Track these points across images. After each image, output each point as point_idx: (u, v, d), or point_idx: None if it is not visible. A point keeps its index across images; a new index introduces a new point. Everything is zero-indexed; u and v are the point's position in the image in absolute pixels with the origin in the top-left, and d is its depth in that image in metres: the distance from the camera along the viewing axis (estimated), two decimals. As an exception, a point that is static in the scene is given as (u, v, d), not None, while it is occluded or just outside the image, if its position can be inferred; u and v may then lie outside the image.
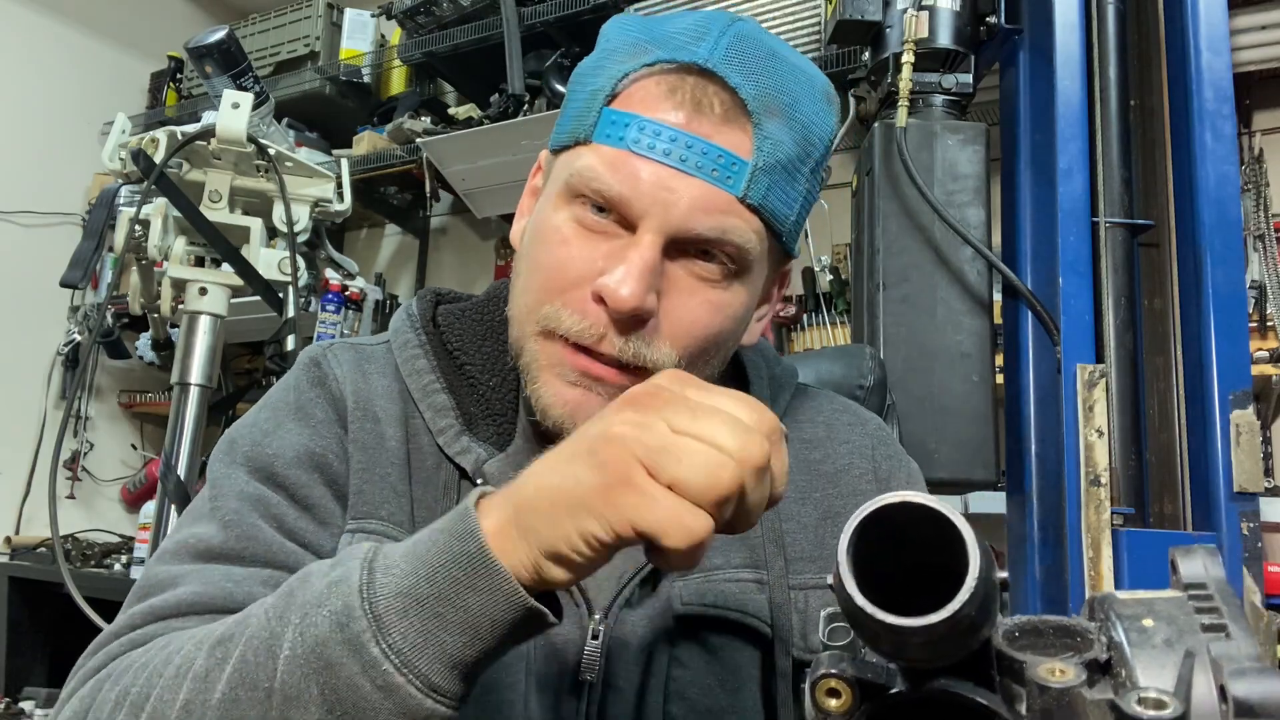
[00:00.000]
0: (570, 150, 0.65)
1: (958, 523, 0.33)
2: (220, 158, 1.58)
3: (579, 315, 0.62)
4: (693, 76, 0.62)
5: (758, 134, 0.61)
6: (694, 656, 0.67)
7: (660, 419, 0.45)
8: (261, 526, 0.65)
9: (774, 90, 0.62)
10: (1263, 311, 1.99)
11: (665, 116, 0.61)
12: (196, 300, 1.57)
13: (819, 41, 2.07)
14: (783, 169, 0.63)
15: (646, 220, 0.60)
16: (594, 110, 0.63)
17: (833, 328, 2.55)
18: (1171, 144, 1.42)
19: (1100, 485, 1.27)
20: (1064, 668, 0.33)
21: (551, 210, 0.65)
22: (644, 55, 0.63)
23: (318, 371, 0.73)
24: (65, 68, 3.19)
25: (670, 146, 0.60)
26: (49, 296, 2.98)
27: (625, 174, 0.60)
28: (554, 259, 0.63)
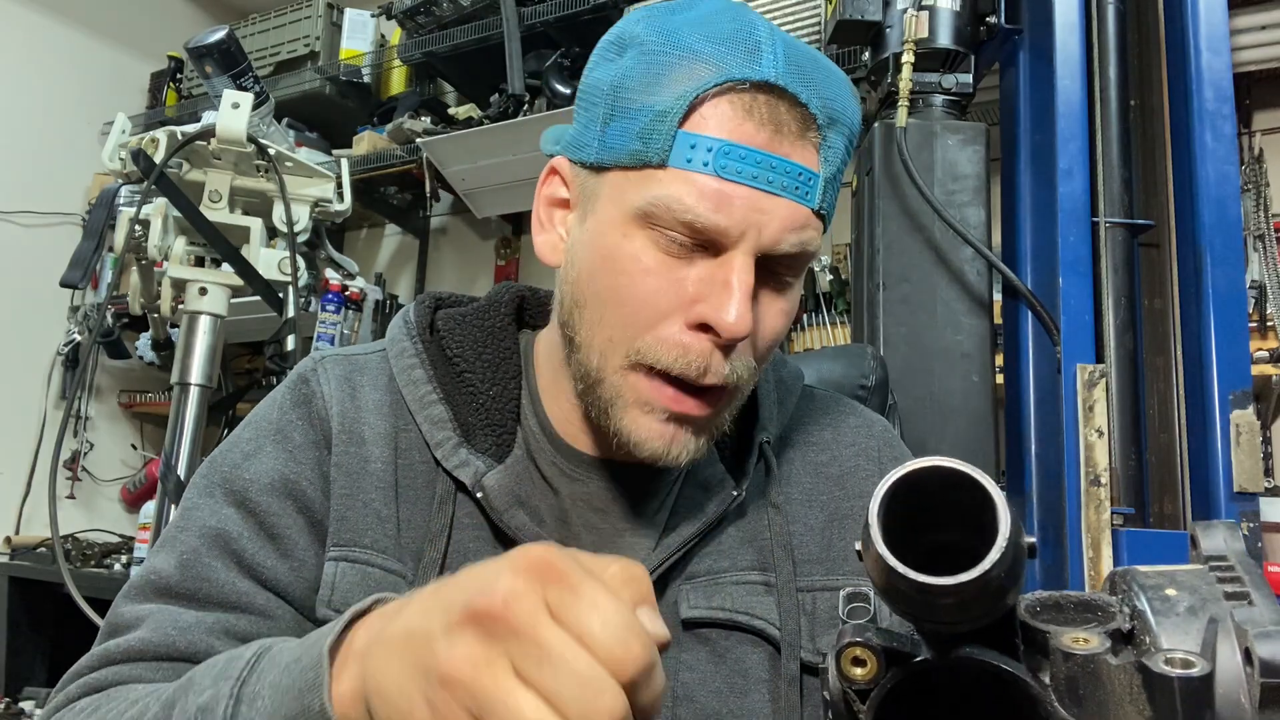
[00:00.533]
0: (634, 172, 0.62)
1: (987, 484, 0.32)
2: (220, 158, 1.58)
3: (679, 349, 0.61)
4: (764, 95, 0.61)
5: (823, 146, 0.62)
6: (701, 660, 0.67)
7: (505, 659, 0.37)
8: (216, 568, 0.66)
9: (829, 98, 0.63)
10: (1263, 311, 1.99)
11: (748, 138, 0.60)
12: (196, 300, 1.57)
13: (819, 41, 2.07)
14: (839, 174, 0.65)
15: (741, 243, 0.60)
16: (664, 133, 0.61)
17: (833, 328, 2.55)
18: (1171, 144, 1.42)
19: (1100, 485, 1.27)
20: (1088, 636, 0.33)
21: (620, 237, 0.63)
22: (707, 73, 0.61)
23: (304, 390, 0.73)
24: (65, 68, 3.19)
25: (758, 170, 0.60)
26: (49, 296, 2.98)
27: (719, 202, 0.60)
28: (642, 291, 0.62)
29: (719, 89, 0.61)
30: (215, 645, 0.63)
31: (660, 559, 0.68)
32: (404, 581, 0.66)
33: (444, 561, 0.66)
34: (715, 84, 0.61)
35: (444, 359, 0.73)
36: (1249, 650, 0.30)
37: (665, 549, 0.68)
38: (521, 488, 0.68)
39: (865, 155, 1.57)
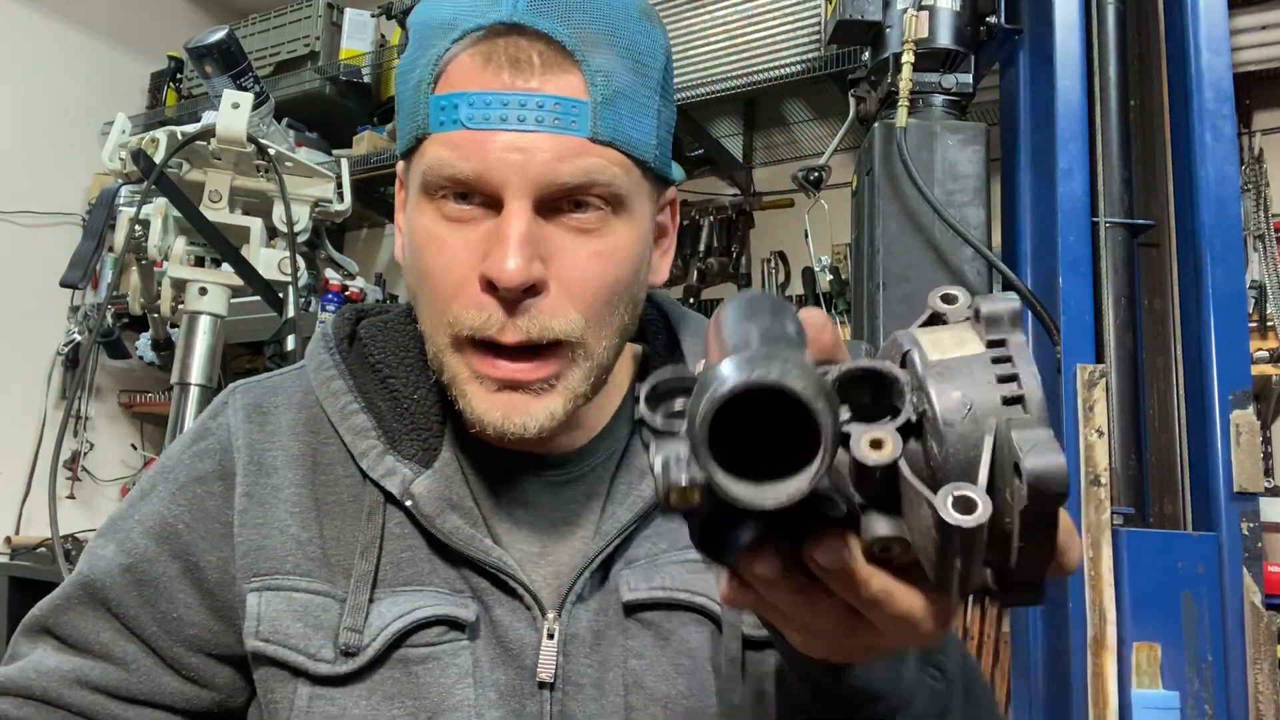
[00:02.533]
0: (415, 151, 0.63)
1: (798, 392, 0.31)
2: (220, 158, 1.58)
3: (475, 309, 0.60)
4: (502, 38, 0.60)
5: (586, 71, 0.59)
6: (648, 645, 0.66)
7: None
8: (86, 616, 0.69)
9: (587, 24, 0.60)
10: (1263, 311, 2.00)
11: (489, 84, 0.59)
12: (196, 300, 1.57)
13: (819, 41, 2.08)
14: (624, 97, 0.61)
15: (508, 189, 0.58)
16: (422, 102, 0.61)
17: (833, 328, 2.55)
18: (1171, 144, 1.42)
19: (1100, 485, 1.27)
20: (882, 438, 0.33)
21: (417, 214, 0.63)
22: (450, 32, 0.61)
23: (209, 423, 0.73)
24: (65, 68, 3.19)
25: (505, 112, 0.58)
26: (49, 296, 2.98)
27: (471, 151, 0.58)
28: (437, 263, 0.61)
29: (459, 45, 0.60)
30: (64, 694, 0.67)
31: (599, 547, 0.67)
32: (334, 601, 0.65)
33: (376, 574, 0.65)
34: (454, 40, 0.60)
35: (366, 367, 0.71)
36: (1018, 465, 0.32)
37: (603, 536, 0.67)
38: (453, 490, 0.67)
39: (865, 155, 1.57)
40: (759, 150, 2.95)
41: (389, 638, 0.63)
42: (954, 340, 0.36)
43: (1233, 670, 1.22)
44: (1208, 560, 1.24)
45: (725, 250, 2.93)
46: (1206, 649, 1.22)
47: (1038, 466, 0.31)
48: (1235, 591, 1.23)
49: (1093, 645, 1.23)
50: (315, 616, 0.64)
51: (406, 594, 0.65)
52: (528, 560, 0.68)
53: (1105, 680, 1.22)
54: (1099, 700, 1.22)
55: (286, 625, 0.64)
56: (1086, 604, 1.24)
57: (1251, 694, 1.21)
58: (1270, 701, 1.20)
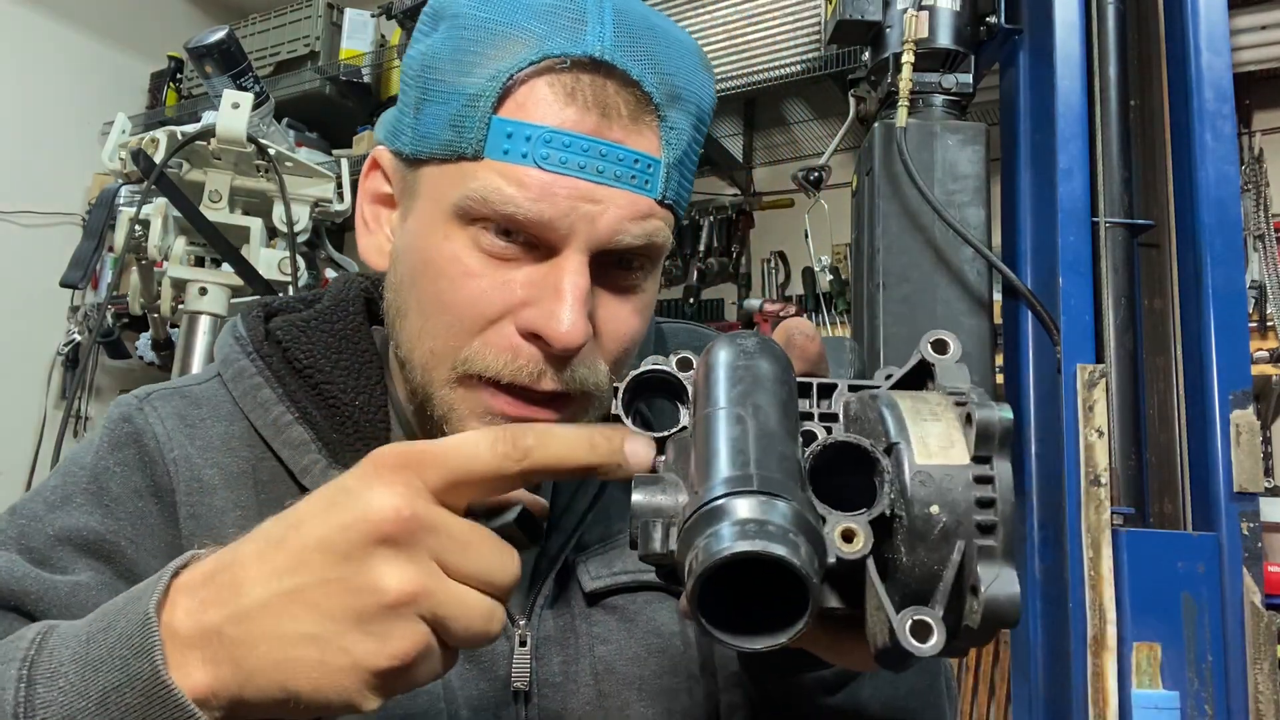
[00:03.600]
0: (449, 165, 0.56)
1: (783, 556, 0.32)
2: (220, 158, 1.58)
3: (509, 354, 0.55)
4: (588, 73, 0.54)
5: (664, 128, 0.56)
6: (614, 630, 0.64)
7: (431, 562, 0.38)
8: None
9: (669, 74, 0.57)
10: (1263, 311, 2.00)
11: (571, 124, 0.54)
12: (196, 300, 1.58)
13: (819, 41, 2.08)
14: (688, 158, 0.59)
15: (572, 240, 0.54)
16: (477, 120, 0.54)
17: (833, 328, 2.55)
18: (1171, 144, 1.42)
19: (1100, 485, 1.27)
20: (854, 528, 0.34)
21: (440, 238, 0.56)
22: (522, 48, 0.55)
23: (127, 429, 0.63)
24: (65, 68, 3.19)
25: (585, 159, 0.53)
26: (49, 296, 2.98)
27: (541, 194, 0.53)
28: (464, 296, 0.55)
29: (535, 68, 0.54)
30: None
31: (561, 542, 0.64)
32: None
33: None
34: (531, 62, 0.54)
35: (293, 372, 0.64)
36: (976, 589, 0.34)
37: (562, 531, 0.64)
38: None
39: (865, 155, 1.57)
40: (759, 150, 2.95)
41: None
42: (941, 441, 0.36)
43: (1233, 670, 1.22)
44: (1208, 560, 1.24)
45: (725, 250, 2.93)
46: (1206, 649, 1.22)
47: (997, 598, 0.33)
48: (1235, 591, 1.23)
49: (1093, 645, 1.23)
50: None
51: None
52: None
53: (1105, 680, 1.22)
54: (1099, 700, 1.22)
55: None
56: (1086, 604, 1.24)
57: (1251, 694, 1.21)
58: (1270, 701, 1.21)
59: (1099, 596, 1.23)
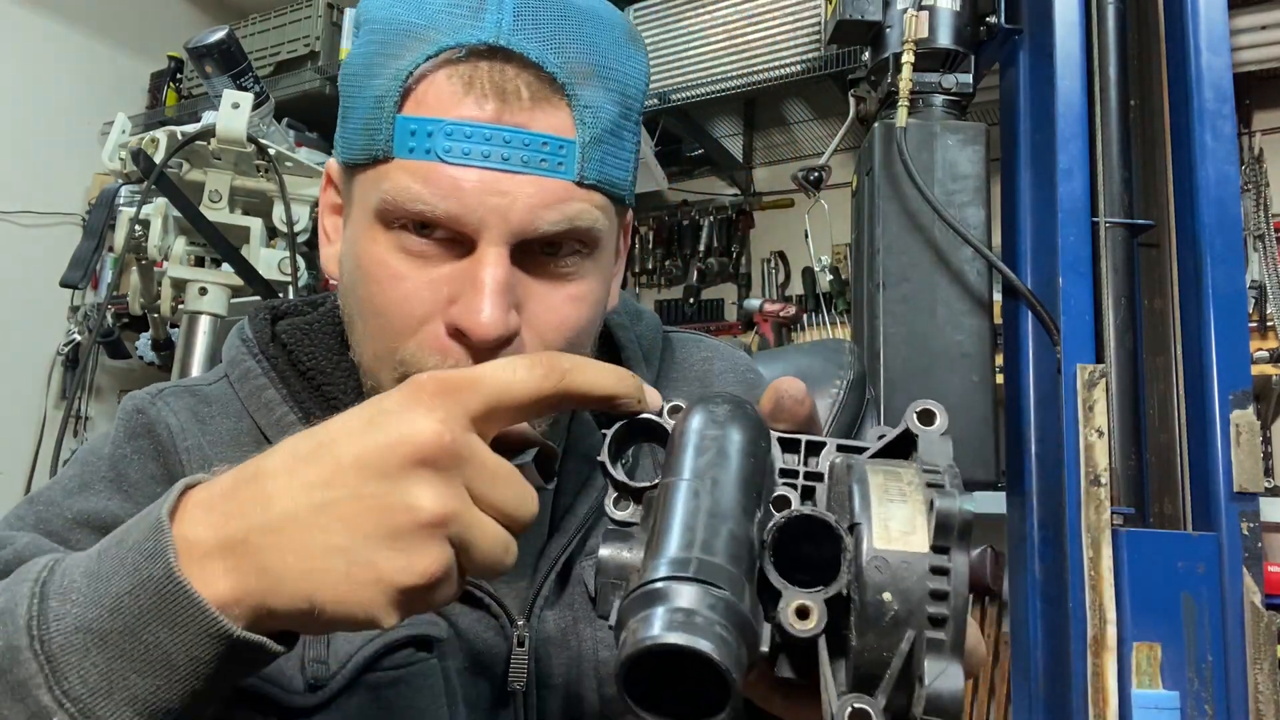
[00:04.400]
0: (369, 169, 0.56)
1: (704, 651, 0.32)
2: (220, 158, 1.58)
3: (439, 355, 0.55)
4: (486, 61, 0.54)
5: (575, 106, 0.55)
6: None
7: (464, 488, 0.39)
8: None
9: (579, 52, 0.55)
10: (1263, 311, 2.00)
11: (471, 114, 0.53)
12: (196, 300, 1.58)
13: (819, 41, 2.08)
14: (610, 135, 0.57)
15: (485, 233, 0.53)
16: (385, 120, 0.55)
17: (833, 328, 2.55)
18: (1171, 144, 1.42)
19: (1100, 485, 1.27)
20: (809, 605, 0.35)
21: (368, 242, 0.56)
22: (422, 45, 0.54)
23: (141, 420, 0.65)
24: (65, 68, 3.19)
25: (488, 147, 0.53)
26: (49, 296, 2.98)
27: (447, 188, 0.53)
28: (392, 298, 0.55)
29: (433, 62, 0.54)
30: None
31: (563, 544, 0.64)
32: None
33: None
34: (428, 56, 0.54)
35: (297, 374, 0.66)
36: (921, 679, 0.34)
37: (564, 533, 0.64)
38: None
39: (865, 155, 1.57)
40: (759, 150, 2.95)
41: (358, 665, 0.59)
42: (903, 525, 0.36)
43: (1233, 670, 1.22)
44: (1208, 560, 1.24)
45: (725, 250, 2.93)
46: (1206, 649, 1.22)
47: (940, 693, 0.34)
48: (1235, 591, 1.23)
49: (1093, 645, 1.23)
50: None
51: None
52: None
53: (1105, 680, 1.22)
54: (1099, 700, 1.22)
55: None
56: (1086, 604, 1.24)
57: (1251, 694, 1.21)
58: (1270, 701, 1.21)
59: (1099, 596, 1.23)
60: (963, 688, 0.34)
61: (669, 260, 2.98)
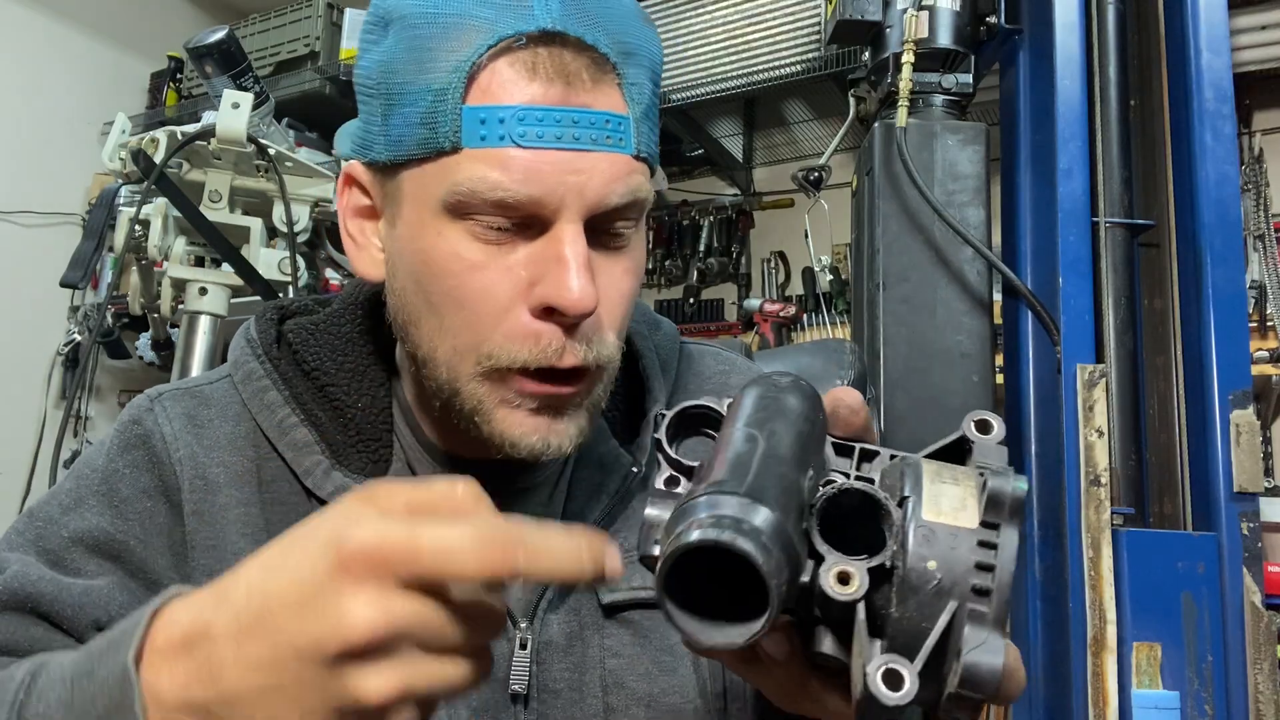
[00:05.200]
0: (428, 163, 0.56)
1: (742, 549, 0.32)
2: (220, 158, 1.58)
3: (531, 340, 0.56)
4: (544, 46, 0.55)
5: (625, 85, 0.57)
6: (625, 643, 0.64)
7: (412, 652, 0.38)
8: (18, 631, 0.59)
9: (619, 32, 0.57)
10: (1263, 311, 2.00)
11: (540, 98, 0.54)
12: (196, 300, 1.57)
13: (819, 41, 2.08)
14: (651, 110, 0.59)
15: (564, 211, 0.55)
16: (448, 113, 0.55)
17: (833, 328, 2.55)
18: (1171, 144, 1.42)
19: (1100, 485, 1.27)
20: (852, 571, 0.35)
21: (435, 236, 0.57)
22: (476, 35, 0.55)
23: (136, 431, 0.65)
24: (65, 68, 3.19)
25: (560, 130, 0.54)
26: (49, 296, 2.98)
27: (527, 173, 0.54)
28: (474, 289, 0.56)
29: (493, 51, 0.55)
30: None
31: None
32: None
33: None
34: (489, 47, 0.55)
35: (302, 374, 0.66)
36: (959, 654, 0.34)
37: None
38: None
39: (865, 155, 1.57)
40: (759, 150, 2.95)
41: None
42: (954, 503, 0.36)
43: (1233, 670, 1.22)
44: (1208, 560, 1.24)
45: (725, 250, 2.93)
46: (1206, 649, 1.22)
47: (977, 664, 0.33)
48: (1235, 591, 1.23)
49: (1093, 645, 1.23)
50: None
51: None
52: None
53: (1105, 680, 1.22)
54: (1099, 700, 1.22)
55: None
56: (1086, 604, 1.24)
57: (1251, 694, 1.21)
58: (1270, 701, 1.21)
59: (1099, 596, 1.23)
60: (1001, 664, 0.33)
61: (669, 260, 2.98)
